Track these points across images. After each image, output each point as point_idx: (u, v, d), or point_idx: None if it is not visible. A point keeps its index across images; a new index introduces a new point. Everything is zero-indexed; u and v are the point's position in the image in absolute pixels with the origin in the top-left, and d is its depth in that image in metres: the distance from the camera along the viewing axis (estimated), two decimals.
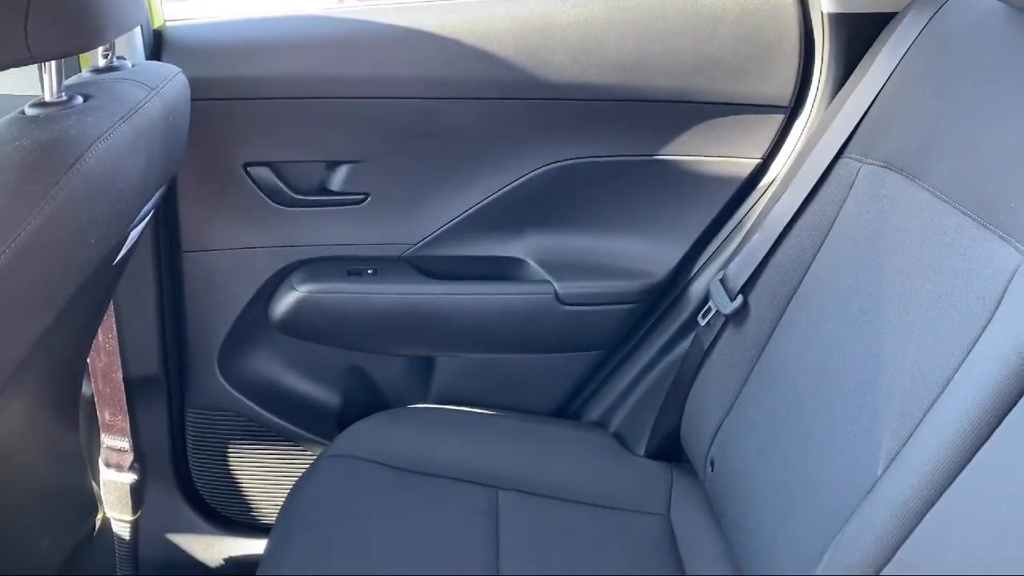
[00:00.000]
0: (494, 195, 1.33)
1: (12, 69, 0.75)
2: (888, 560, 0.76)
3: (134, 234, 0.94)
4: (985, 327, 0.77)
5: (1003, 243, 0.80)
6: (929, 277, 0.88)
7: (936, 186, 0.92)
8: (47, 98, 0.81)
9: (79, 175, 0.74)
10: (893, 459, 0.81)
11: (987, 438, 0.71)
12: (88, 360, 1.30)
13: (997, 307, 0.77)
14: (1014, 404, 0.70)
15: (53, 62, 0.80)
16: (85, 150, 0.75)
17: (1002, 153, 0.86)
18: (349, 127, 1.29)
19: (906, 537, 0.75)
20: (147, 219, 0.99)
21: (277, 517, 1.19)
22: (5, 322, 0.72)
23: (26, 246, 0.70)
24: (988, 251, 0.81)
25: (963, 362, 0.78)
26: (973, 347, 0.78)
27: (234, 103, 1.25)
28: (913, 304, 0.89)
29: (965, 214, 0.86)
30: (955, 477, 0.73)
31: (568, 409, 1.46)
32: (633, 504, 1.25)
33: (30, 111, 0.80)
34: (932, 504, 0.74)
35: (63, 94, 0.82)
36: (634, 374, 1.40)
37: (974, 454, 0.72)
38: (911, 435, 0.80)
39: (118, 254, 0.91)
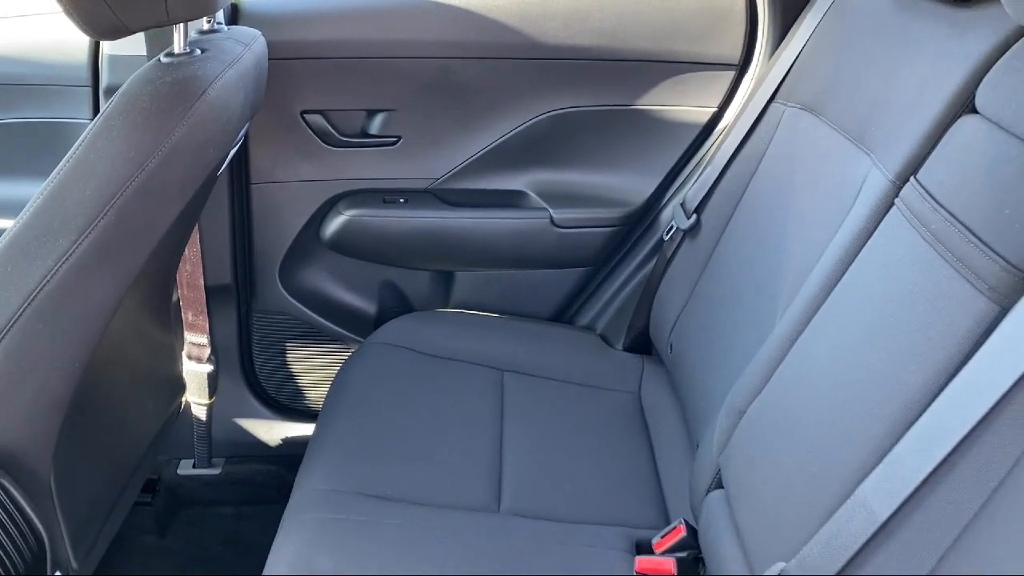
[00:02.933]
0: (501, 138, 1.64)
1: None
2: (767, 380, 1.06)
3: (231, 152, 1.26)
4: (845, 217, 1.07)
5: (864, 156, 1.10)
6: (820, 187, 1.19)
7: (832, 120, 1.22)
8: (176, 50, 1.12)
9: (204, 103, 1.06)
10: (782, 315, 1.12)
11: (835, 280, 1.02)
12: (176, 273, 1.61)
13: (854, 203, 1.07)
14: (851, 263, 1.01)
15: (182, 24, 1.11)
16: (208, 86, 1.07)
17: (873, 92, 1.15)
18: (385, 82, 1.59)
19: (778, 364, 1.06)
20: (240, 142, 1.30)
21: (329, 387, 1.51)
22: (159, 203, 1.04)
23: (173, 149, 1.01)
24: (856, 163, 1.11)
25: (830, 243, 1.08)
26: (836, 232, 1.08)
27: (294, 62, 1.55)
28: (808, 208, 1.19)
29: (847, 139, 1.16)
30: (814, 315, 1.03)
31: (563, 316, 1.76)
32: (611, 384, 1.56)
33: (165, 59, 1.11)
34: (799, 335, 1.04)
35: (187, 47, 1.13)
36: (616, 285, 1.71)
37: (824, 301, 1.02)
38: (795, 295, 1.10)
39: (221, 167, 1.23)
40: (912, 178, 0.96)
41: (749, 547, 0.98)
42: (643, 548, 1.17)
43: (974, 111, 0.94)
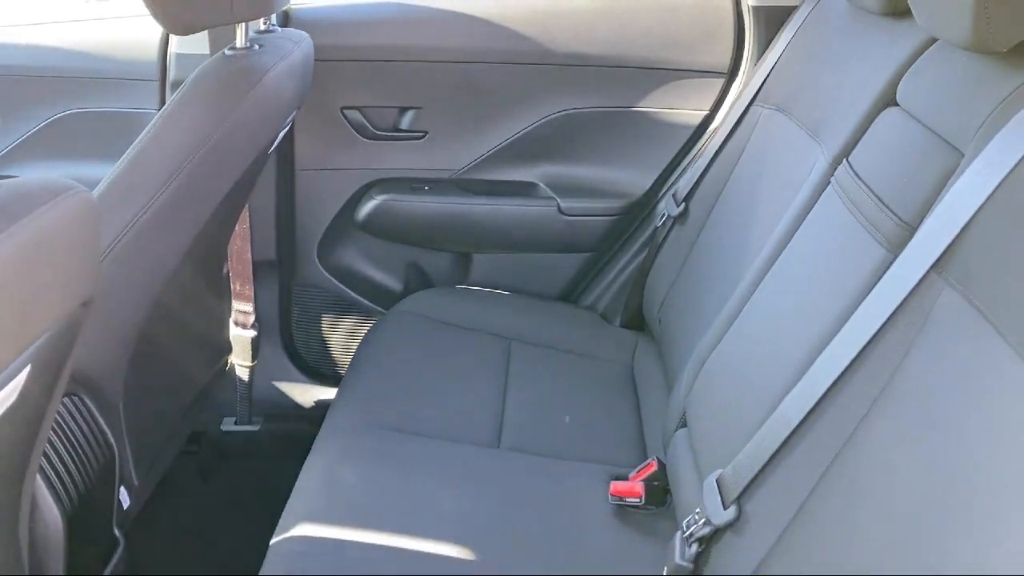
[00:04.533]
0: (515, 135, 1.84)
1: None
2: (725, 333, 1.25)
3: (280, 135, 1.48)
4: (796, 194, 1.26)
5: (816, 145, 1.29)
6: (783, 175, 1.37)
7: (797, 117, 1.41)
8: (238, 45, 1.34)
9: (261, 88, 1.27)
10: (741, 282, 1.30)
11: (783, 247, 1.20)
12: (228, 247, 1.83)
13: (804, 181, 1.26)
14: (796, 231, 1.19)
15: (244, 23, 1.33)
16: (264, 75, 1.29)
17: (829, 93, 1.34)
18: (415, 83, 1.81)
19: (735, 319, 1.24)
20: (287, 127, 1.52)
21: (358, 347, 1.71)
22: (221, 169, 1.25)
23: (234, 125, 1.23)
24: (809, 152, 1.30)
25: (783, 215, 1.27)
26: (788, 206, 1.26)
27: (336, 64, 1.77)
28: (773, 193, 1.38)
29: (806, 132, 1.35)
30: (764, 276, 1.22)
31: (568, 295, 1.95)
32: (606, 355, 1.75)
33: (228, 52, 1.33)
34: (752, 294, 1.23)
35: (248, 43, 1.35)
36: (617, 268, 1.90)
37: (772, 265, 1.21)
38: (750, 267, 1.29)
39: (272, 146, 1.45)
40: (845, 160, 1.15)
41: (700, 467, 1.16)
42: (620, 480, 1.35)
43: (896, 104, 1.13)
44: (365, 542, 1.16)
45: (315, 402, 2.01)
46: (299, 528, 1.18)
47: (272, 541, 1.19)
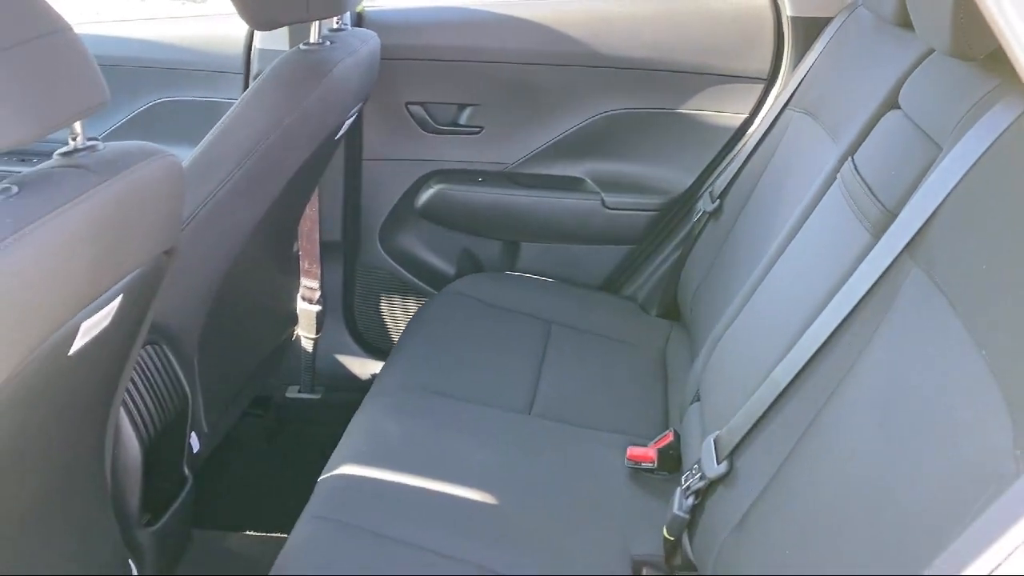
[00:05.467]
0: (565, 133, 1.97)
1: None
2: (742, 309, 1.36)
3: (345, 125, 1.64)
4: (810, 187, 1.36)
5: (833, 145, 1.39)
6: (805, 174, 1.47)
7: (821, 120, 1.51)
8: (311, 40, 1.51)
9: (329, 80, 1.43)
10: (757, 269, 1.41)
11: (792, 237, 1.31)
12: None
13: (817, 175, 1.36)
14: (804, 222, 1.30)
15: (318, 21, 1.49)
16: (333, 68, 1.45)
17: (847, 96, 1.44)
18: (473, 82, 1.95)
19: (747, 302, 1.35)
20: (353, 117, 1.68)
21: (409, 321, 1.86)
22: (291, 149, 1.41)
23: (305, 111, 1.39)
24: (827, 151, 1.40)
25: (799, 208, 1.37)
26: (804, 198, 1.37)
27: (403, 62, 1.92)
28: (795, 191, 1.48)
29: (827, 133, 1.45)
30: (780, 256, 1.33)
31: (610, 286, 2.07)
32: (642, 342, 1.86)
33: (303, 47, 1.50)
34: (763, 280, 1.34)
35: (320, 39, 1.51)
36: (656, 262, 2.01)
37: (787, 245, 1.32)
38: (770, 250, 1.40)
39: (338, 133, 1.60)
40: (850, 158, 1.25)
41: (705, 432, 1.27)
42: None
43: (898, 106, 1.22)
44: (399, 483, 1.30)
45: (371, 375, 2.15)
46: (343, 468, 1.33)
47: (319, 479, 1.34)
